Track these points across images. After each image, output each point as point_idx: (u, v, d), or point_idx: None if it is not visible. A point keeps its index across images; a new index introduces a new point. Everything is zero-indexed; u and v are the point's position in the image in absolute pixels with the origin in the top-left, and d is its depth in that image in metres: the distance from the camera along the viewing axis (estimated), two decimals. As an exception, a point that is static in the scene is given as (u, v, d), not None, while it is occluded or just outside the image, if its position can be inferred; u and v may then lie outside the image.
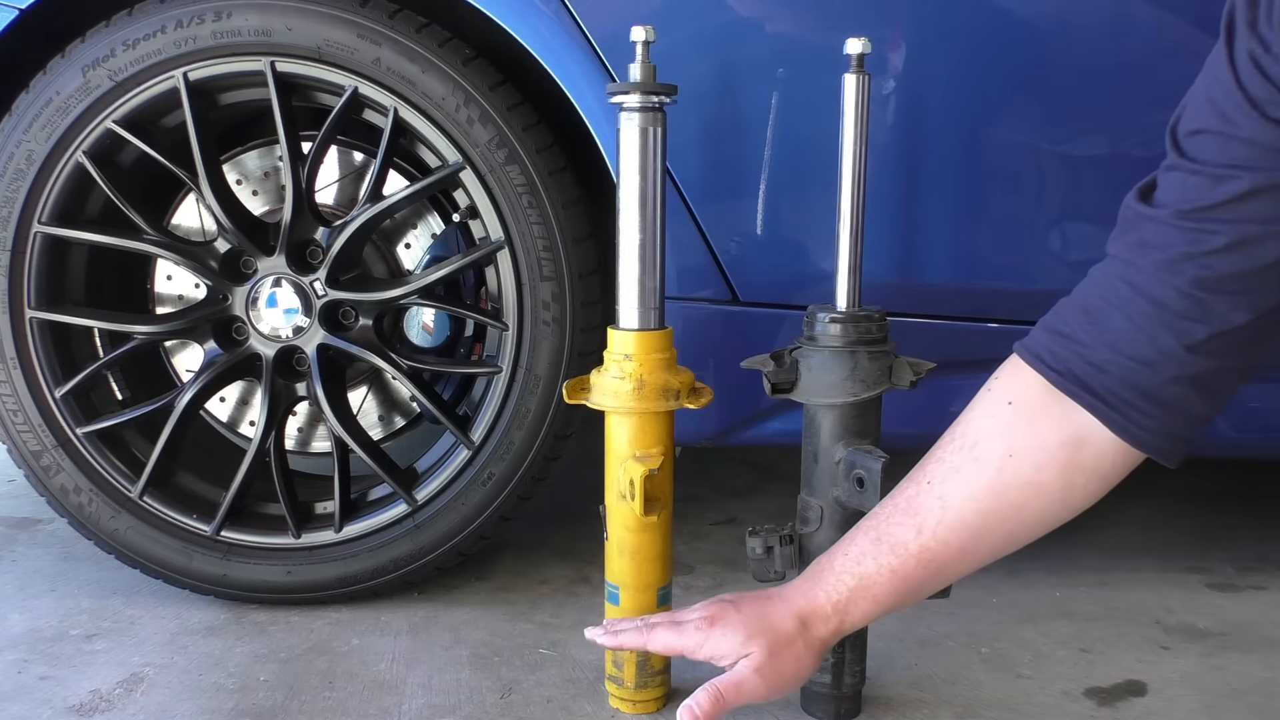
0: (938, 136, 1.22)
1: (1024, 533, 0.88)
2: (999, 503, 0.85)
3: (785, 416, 1.29)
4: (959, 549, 0.87)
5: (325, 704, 1.13)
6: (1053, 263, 1.26)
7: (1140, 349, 0.76)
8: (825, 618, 0.92)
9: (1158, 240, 0.75)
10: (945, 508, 0.87)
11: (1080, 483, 0.83)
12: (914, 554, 0.88)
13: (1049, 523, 0.87)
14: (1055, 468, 0.83)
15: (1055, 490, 0.84)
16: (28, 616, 1.35)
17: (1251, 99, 0.70)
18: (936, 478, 0.88)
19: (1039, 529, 0.88)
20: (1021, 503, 0.85)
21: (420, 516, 1.34)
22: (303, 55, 1.24)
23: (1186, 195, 0.74)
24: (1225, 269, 0.72)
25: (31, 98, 1.27)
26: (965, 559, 0.88)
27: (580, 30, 1.20)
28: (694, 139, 1.22)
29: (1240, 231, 0.71)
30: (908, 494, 0.90)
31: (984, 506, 0.85)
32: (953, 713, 1.12)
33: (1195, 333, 0.74)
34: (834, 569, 0.92)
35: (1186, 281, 0.74)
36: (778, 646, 0.92)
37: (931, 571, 0.89)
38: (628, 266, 1.04)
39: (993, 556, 0.89)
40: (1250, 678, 1.21)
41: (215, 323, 1.36)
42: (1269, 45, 0.69)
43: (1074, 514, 0.87)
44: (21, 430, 1.33)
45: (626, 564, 1.08)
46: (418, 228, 1.63)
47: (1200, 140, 0.73)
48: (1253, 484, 1.95)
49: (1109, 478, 0.84)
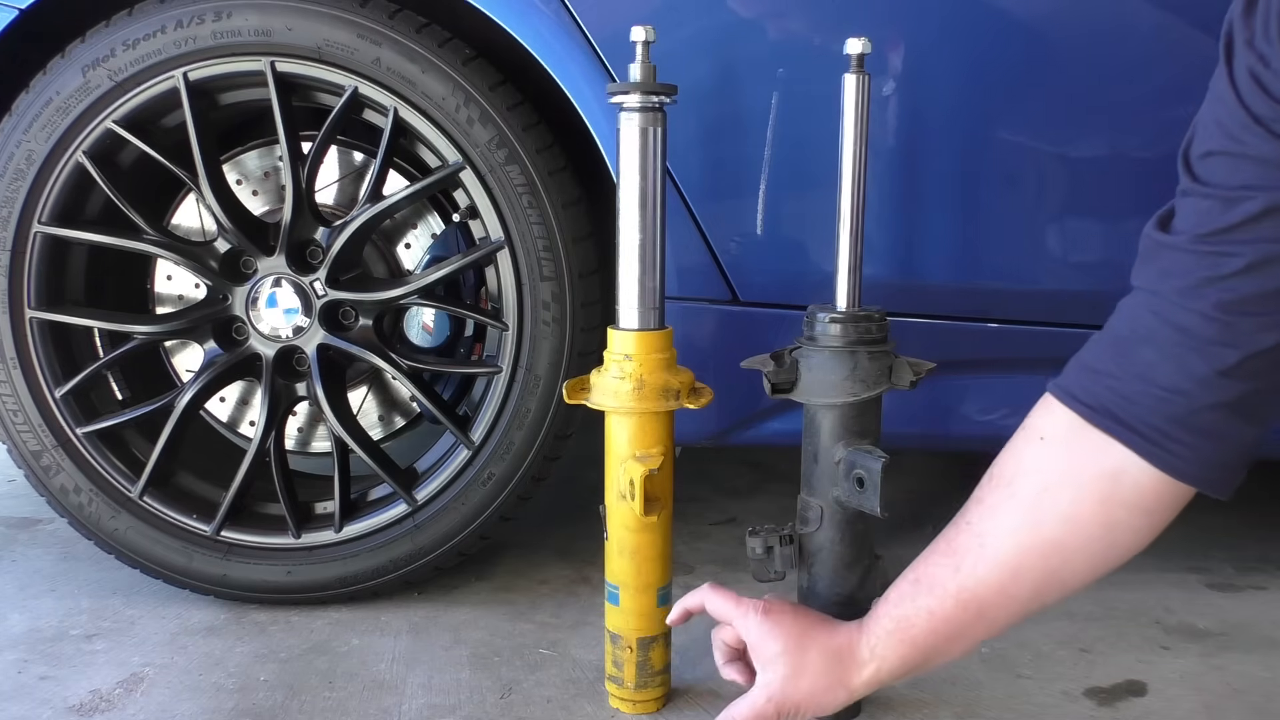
0: (937, 137, 1.22)
1: (1068, 571, 0.84)
2: (1037, 538, 0.82)
3: (785, 416, 1.29)
4: (999, 588, 0.84)
5: (325, 704, 1.13)
6: (1053, 263, 1.26)
7: (1172, 378, 0.75)
8: (861, 662, 0.91)
9: (1178, 267, 0.74)
10: (983, 545, 0.84)
11: (1122, 518, 0.81)
12: (952, 594, 0.86)
13: (1095, 561, 0.84)
14: (1093, 501, 0.80)
15: (1095, 525, 0.81)
16: (28, 616, 1.35)
17: (1256, 116, 0.69)
18: (975, 517, 0.86)
19: (1085, 568, 0.84)
20: (1060, 538, 0.82)
21: (420, 516, 1.34)
22: (303, 55, 1.24)
23: (1202, 219, 0.73)
24: (1248, 290, 0.71)
25: (31, 98, 1.27)
26: (1007, 600, 0.85)
27: (580, 30, 1.20)
28: (694, 139, 1.22)
29: (1259, 252, 0.70)
30: (948, 536, 0.88)
31: (1022, 542, 0.83)
32: (953, 713, 1.12)
33: (1227, 358, 0.73)
34: (877, 614, 0.92)
35: (1211, 306, 0.72)
36: (799, 674, 0.92)
37: (972, 613, 0.86)
38: (628, 266, 1.04)
39: (1038, 599, 0.86)
40: (1250, 678, 1.21)
41: (215, 323, 1.36)
42: (1268, 60, 0.68)
43: (1124, 553, 0.83)
44: (21, 430, 1.33)
45: (626, 564, 1.08)
46: (418, 228, 1.63)
47: (1211, 163, 0.73)
48: (1253, 484, 1.95)
49: (1154, 512, 0.81)
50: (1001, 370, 1.29)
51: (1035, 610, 0.87)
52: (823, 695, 0.92)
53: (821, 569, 1.06)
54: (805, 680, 0.92)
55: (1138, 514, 0.80)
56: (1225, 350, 0.73)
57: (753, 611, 0.96)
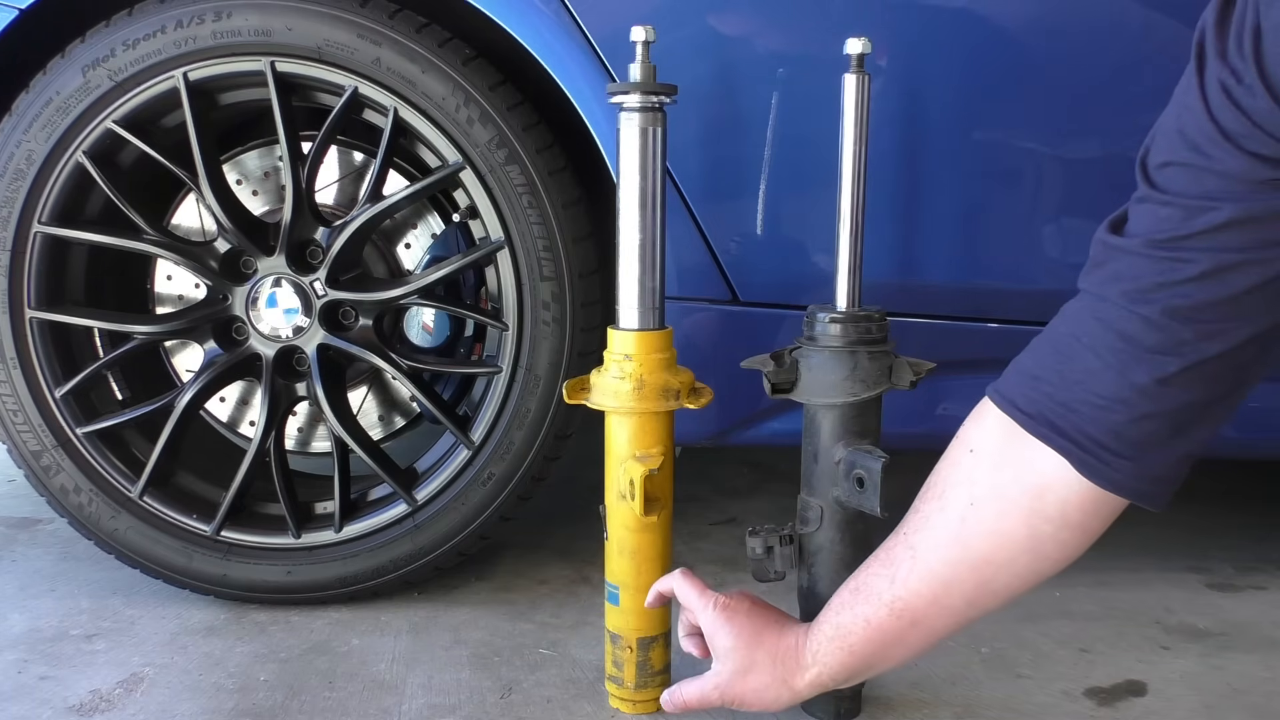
0: (937, 137, 1.22)
1: (999, 583, 0.85)
2: (966, 552, 0.84)
3: (785, 416, 1.29)
4: (931, 598, 0.86)
5: (325, 704, 1.13)
6: (1053, 263, 1.26)
7: (1111, 386, 0.74)
8: (804, 666, 0.95)
9: (1129, 271, 0.73)
10: (915, 557, 0.86)
11: (1049, 532, 0.81)
12: (886, 603, 0.88)
13: (1024, 573, 0.84)
14: (1018, 515, 0.81)
15: (1021, 539, 0.82)
16: (28, 616, 1.35)
17: (1225, 132, 0.67)
18: (910, 528, 0.88)
19: (1016, 580, 0.85)
20: (988, 552, 0.83)
21: (420, 516, 1.34)
22: (303, 55, 1.24)
23: (1159, 225, 0.71)
24: (1200, 297, 0.70)
25: (31, 98, 1.27)
26: (941, 611, 0.87)
27: (580, 30, 1.21)
28: (694, 139, 1.22)
29: (1215, 260, 0.69)
30: (887, 546, 0.90)
31: (951, 555, 0.85)
32: (953, 713, 1.12)
33: (1167, 366, 0.72)
34: (820, 620, 0.95)
35: (1158, 312, 0.71)
36: (746, 672, 0.97)
37: (906, 622, 0.88)
38: (628, 266, 1.04)
39: (974, 608, 0.87)
40: (1250, 678, 1.21)
41: (215, 323, 1.36)
42: (1240, 76, 0.66)
43: (1055, 564, 0.84)
44: (21, 430, 1.33)
45: (626, 564, 1.08)
46: (418, 228, 1.63)
47: (1170, 172, 0.71)
48: (1253, 484, 1.95)
49: (1082, 525, 0.81)
50: (1001, 370, 1.29)
51: (974, 618, 0.89)
52: (765, 691, 0.97)
53: (821, 569, 1.06)
54: (752, 677, 0.97)
55: (1064, 528, 0.81)
56: (1166, 359, 0.72)
57: (711, 605, 1.00)
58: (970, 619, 0.89)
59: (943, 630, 0.89)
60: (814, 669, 0.94)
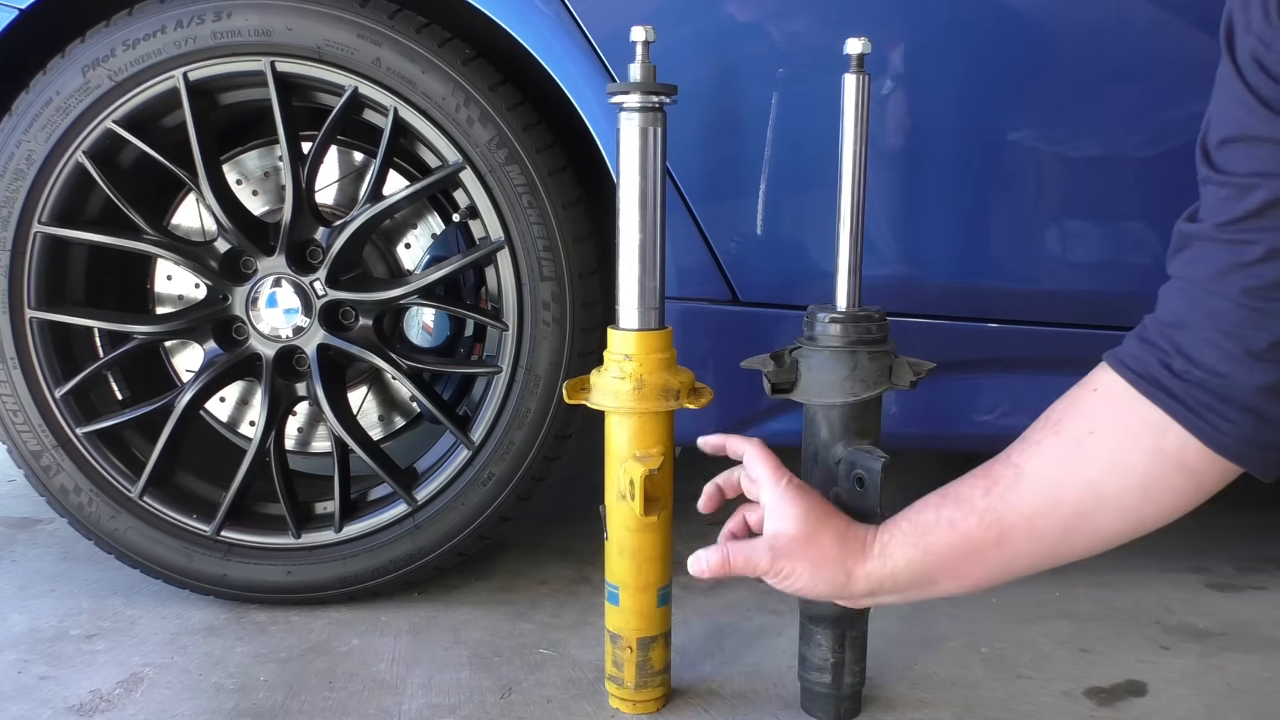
0: (937, 136, 1.23)
1: (1100, 519, 0.82)
2: (1077, 475, 0.81)
3: (785, 416, 1.29)
4: (1027, 516, 0.83)
5: (325, 704, 1.13)
6: (1053, 263, 1.26)
7: (1210, 360, 0.75)
8: (869, 555, 0.89)
9: (1203, 256, 0.75)
10: (1020, 474, 0.83)
11: (1164, 473, 0.79)
12: (978, 511, 0.84)
13: (1129, 514, 0.82)
14: (1138, 451, 0.79)
15: (1136, 474, 0.80)
16: (28, 616, 1.35)
17: (1261, 99, 0.70)
18: (1016, 452, 0.85)
19: (1118, 519, 0.82)
20: (1100, 480, 0.81)
21: (420, 516, 1.34)
22: (303, 55, 1.24)
23: (1221, 208, 0.74)
24: (1271, 276, 0.72)
25: (31, 98, 1.27)
26: (1031, 534, 0.84)
27: (580, 30, 1.20)
28: (694, 139, 1.22)
29: (1275, 239, 0.71)
30: (985, 466, 0.87)
31: (1060, 476, 0.82)
32: (953, 713, 1.12)
33: (1258, 340, 0.73)
34: (897, 517, 0.90)
35: (1237, 292, 0.73)
36: (809, 543, 0.90)
37: (993, 537, 0.84)
38: (628, 266, 1.04)
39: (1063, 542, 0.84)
40: (1250, 678, 1.21)
41: (215, 323, 1.36)
42: (1269, 43, 0.69)
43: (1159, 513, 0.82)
44: (21, 430, 1.33)
45: (626, 564, 1.08)
46: (418, 228, 1.63)
47: (1226, 150, 0.74)
48: (1253, 484, 1.95)
49: (1197, 476, 0.79)
50: (1001, 370, 1.29)
51: (1052, 560, 0.86)
52: (821, 569, 0.90)
53: (821, 569, 1.06)
54: (812, 549, 0.90)
55: (1180, 472, 0.79)
56: (1255, 333, 0.73)
57: (786, 480, 0.94)
58: (1046, 560, 0.86)
59: (1023, 560, 0.86)
60: (880, 560, 0.89)
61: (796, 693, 1.13)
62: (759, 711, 1.12)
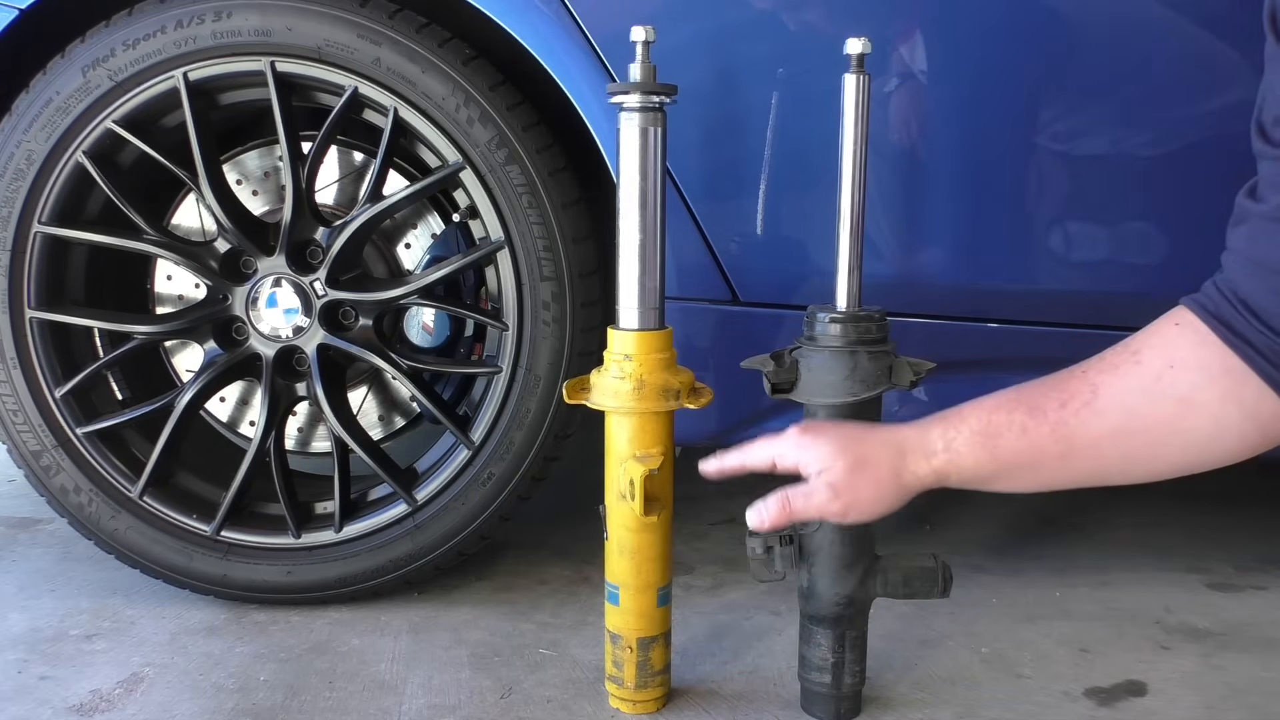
0: (937, 136, 1.23)
1: (1164, 450, 0.83)
2: (1150, 407, 0.81)
3: (785, 416, 1.29)
4: (1095, 437, 0.83)
5: (325, 704, 1.13)
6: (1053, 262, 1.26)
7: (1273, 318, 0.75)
8: (931, 452, 0.88)
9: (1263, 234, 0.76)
10: (1096, 395, 0.83)
11: (1237, 418, 0.79)
12: (1051, 422, 0.84)
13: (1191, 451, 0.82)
14: (1215, 390, 0.79)
15: (1210, 413, 0.80)
16: (28, 616, 1.35)
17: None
18: (1094, 369, 0.85)
19: (1180, 454, 0.83)
20: (1174, 415, 0.81)
21: (420, 516, 1.34)
22: (303, 55, 1.24)
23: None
24: None
25: (31, 98, 1.27)
26: (1095, 454, 0.84)
27: (580, 30, 1.20)
28: (694, 139, 1.22)
29: None
30: (1059, 377, 0.86)
31: (1134, 406, 0.82)
32: (953, 713, 1.12)
33: None
34: (961, 413, 0.88)
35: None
36: (862, 465, 0.88)
37: (1059, 450, 0.84)
38: (628, 266, 1.04)
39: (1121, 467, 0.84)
40: (1250, 678, 1.21)
41: (215, 323, 1.36)
42: None
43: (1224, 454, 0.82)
44: (21, 430, 1.33)
45: (626, 564, 1.08)
46: (418, 228, 1.63)
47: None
48: (1253, 484, 1.95)
49: (1266, 426, 0.79)
50: (1001, 370, 1.29)
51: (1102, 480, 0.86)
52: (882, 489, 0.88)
53: (821, 569, 1.06)
54: (868, 472, 0.88)
55: (1251, 419, 0.79)
56: None
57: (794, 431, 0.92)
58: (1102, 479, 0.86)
59: (1078, 475, 0.86)
60: (942, 456, 0.87)
61: (796, 693, 1.13)
62: (759, 711, 1.12)
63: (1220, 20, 1.16)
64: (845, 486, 0.88)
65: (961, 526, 1.71)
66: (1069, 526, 1.71)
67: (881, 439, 0.90)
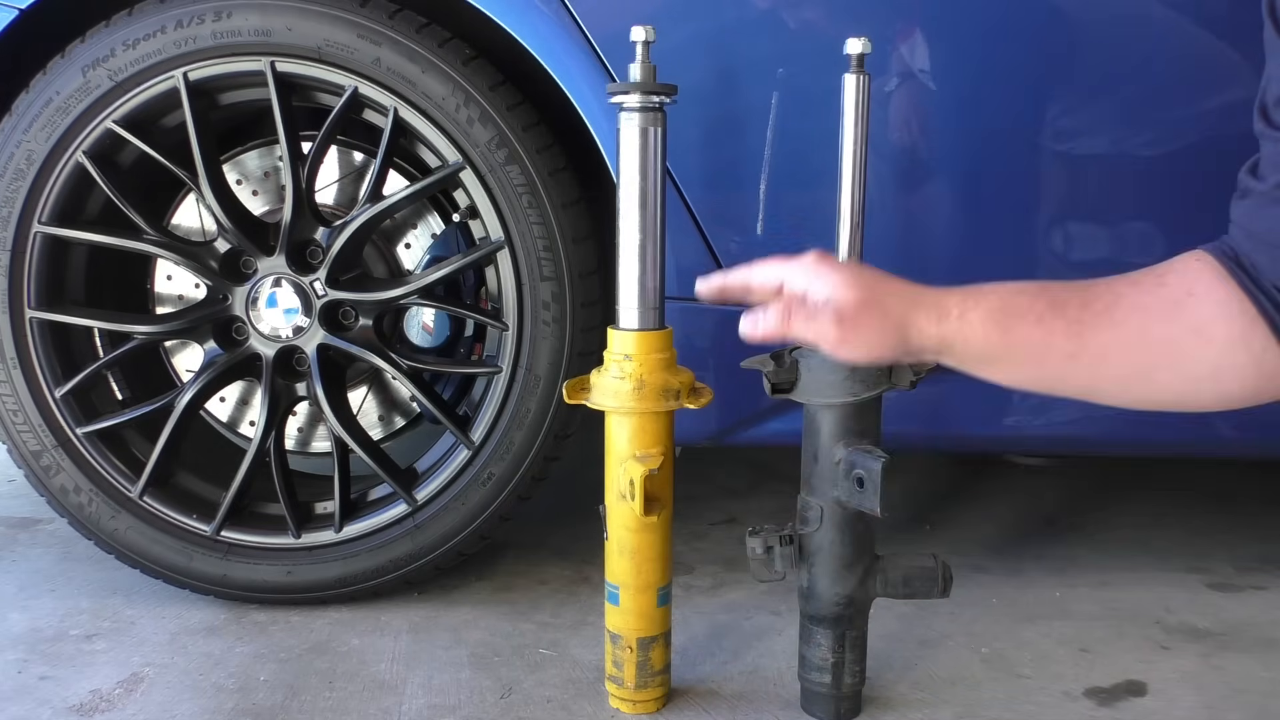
0: (937, 136, 1.23)
1: (1165, 376, 0.83)
2: (1165, 328, 0.82)
3: (785, 416, 1.29)
4: (1104, 346, 0.83)
5: (325, 704, 1.13)
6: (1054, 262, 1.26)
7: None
8: (944, 314, 0.85)
9: (1262, 212, 0.77)
10: (1117, 302, 0.83)
11: (1240, 361, 0.80)
12: (1068, 319, 0.83)
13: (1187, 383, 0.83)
14: (1228, 330, 0.80)
15: (1216, 350, 0.80)
16: (28, 616, 1.35)
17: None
18: (1120, 282, 0.85)
19: (1178, 383, 0.83)
20: (1184, 342, 0.81)
21: (420, 516, 1.34)
22: (303, 55, 1.24)
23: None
24: None
25: (31, 98, 1.27)
26: (1098, 363, 0.83)
27: (580, 30, 1.20)
28: (694, 139, 1.22)
29: None
30: (1085, 282, 0.86)
31: (1150, 323, 0.82)
32: (953, 713, 1.12)
33: None
34: (982, 289, 0.87)
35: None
36: (872, 304, 0.86)
37: (1069, 348, 0.83)
38: (628, 266, 1.04)
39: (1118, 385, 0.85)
40: (1250, 678, 1.21)
41: (215, 323, 1.36)
42: None
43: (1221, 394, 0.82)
44: (21, 430, 1.33)
45: (626, 564, 1.08)
46: (418, 228, 1.63)
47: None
48: (1253, 484, 1.95)
49: (1267, 381, 0.80)
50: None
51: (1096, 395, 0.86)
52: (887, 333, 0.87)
53: (821, 569, 1.06)
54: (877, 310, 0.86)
55: (1255, 369, 0.80)
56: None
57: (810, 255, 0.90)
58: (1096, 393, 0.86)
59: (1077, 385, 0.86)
60: (958, 324, 0.86)
61: (796, 693, 1.13)
62: (759, 711, 1.12)
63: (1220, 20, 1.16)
64: (850, 320, 0.86)
65: (961, 526, 1.71)
66: (1069, 526, 1.71)
67: (898, 286, 0.88)
